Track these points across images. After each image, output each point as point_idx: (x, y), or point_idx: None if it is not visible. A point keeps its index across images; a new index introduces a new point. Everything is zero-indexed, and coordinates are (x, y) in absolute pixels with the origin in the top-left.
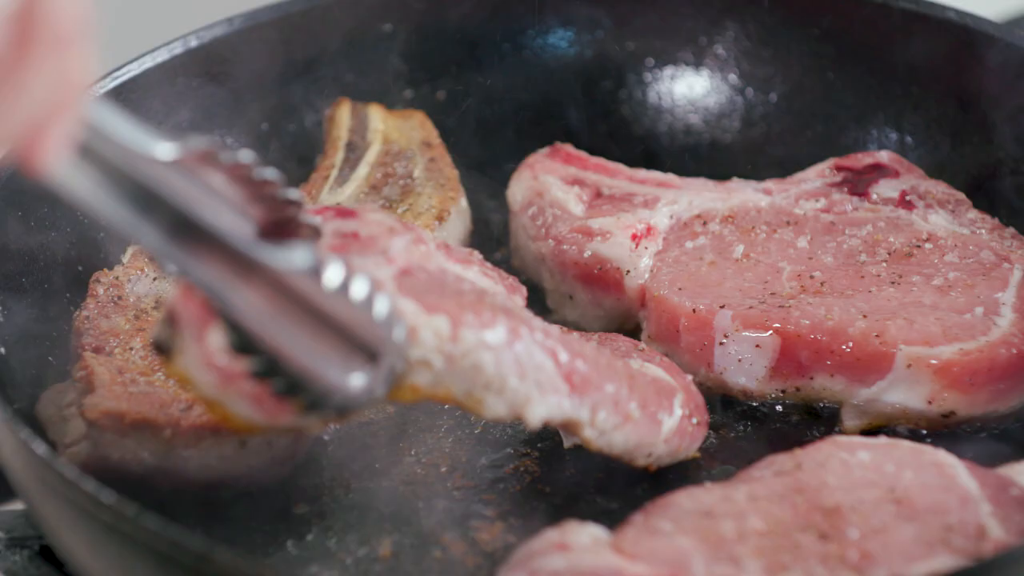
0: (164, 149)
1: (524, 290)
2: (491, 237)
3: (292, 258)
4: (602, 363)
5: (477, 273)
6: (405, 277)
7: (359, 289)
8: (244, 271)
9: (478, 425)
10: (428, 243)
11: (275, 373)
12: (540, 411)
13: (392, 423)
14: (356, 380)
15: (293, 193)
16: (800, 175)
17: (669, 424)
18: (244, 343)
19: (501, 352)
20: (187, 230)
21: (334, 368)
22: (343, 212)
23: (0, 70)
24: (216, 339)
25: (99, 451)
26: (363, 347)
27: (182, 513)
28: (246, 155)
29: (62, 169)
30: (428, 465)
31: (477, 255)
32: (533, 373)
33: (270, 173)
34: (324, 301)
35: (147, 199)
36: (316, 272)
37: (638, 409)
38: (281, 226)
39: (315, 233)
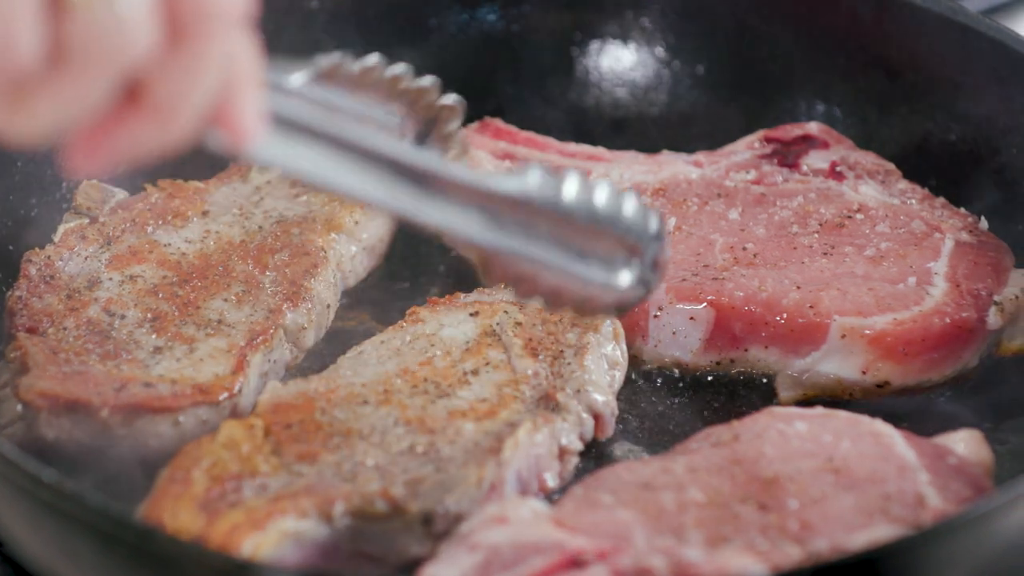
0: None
1: None
2: None
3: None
4: None
5: None
6: None
7: (602, 192)
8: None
9: None
10: None
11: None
12: None
13: None
14: (624, 277)
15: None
16: (730, 147)
17: None
18: None
19: None
20: (406, 173)
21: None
22: None
23: (163, 51)
24: None
25: (34, 432)
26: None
27: (119, 492)
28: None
29: (265, 141)
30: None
31: None
32: None
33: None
34: (569, 211)
35: (352, 153)
36: (553, 186)
37: None
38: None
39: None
